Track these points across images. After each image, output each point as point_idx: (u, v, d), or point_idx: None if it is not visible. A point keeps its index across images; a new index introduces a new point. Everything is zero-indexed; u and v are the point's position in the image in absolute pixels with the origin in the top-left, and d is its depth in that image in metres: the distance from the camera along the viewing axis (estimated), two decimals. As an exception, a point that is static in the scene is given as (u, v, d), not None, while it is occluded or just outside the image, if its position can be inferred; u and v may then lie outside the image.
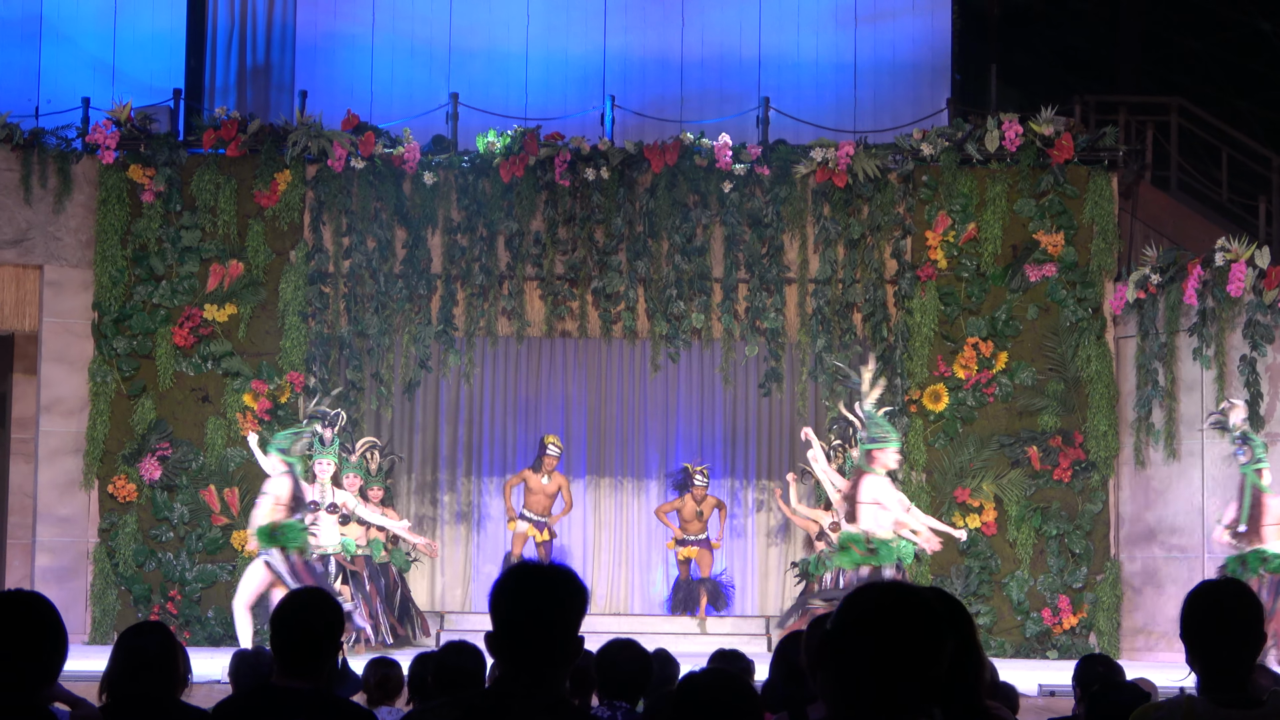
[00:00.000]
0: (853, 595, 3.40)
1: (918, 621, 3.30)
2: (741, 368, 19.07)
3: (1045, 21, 24.79)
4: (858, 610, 3.33)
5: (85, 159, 18.30)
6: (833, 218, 18.51)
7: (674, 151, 18.44)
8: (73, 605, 17.50)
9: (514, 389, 19.62)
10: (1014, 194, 18.51)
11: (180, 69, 19.98)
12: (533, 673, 3.89)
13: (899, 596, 3.34)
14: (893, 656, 3.27)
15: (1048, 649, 17.96)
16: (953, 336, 18.42)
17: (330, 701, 4.86)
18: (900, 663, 3.27)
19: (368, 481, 17.44)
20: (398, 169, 18.44)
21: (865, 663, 3.28)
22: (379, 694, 8.34)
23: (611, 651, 6.81)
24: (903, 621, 3.29)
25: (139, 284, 18.16)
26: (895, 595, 3.35)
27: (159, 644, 5.33)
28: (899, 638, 3.28)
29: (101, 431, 17.93)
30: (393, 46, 20.08)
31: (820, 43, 20.19)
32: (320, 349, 18.39)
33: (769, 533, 19.62)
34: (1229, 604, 4.30)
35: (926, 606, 3.32)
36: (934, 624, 3.31)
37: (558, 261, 18.53)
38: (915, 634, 3.29)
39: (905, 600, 3.33)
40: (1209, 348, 17.33)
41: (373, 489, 17.51)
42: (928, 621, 3.31)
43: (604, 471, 19.66)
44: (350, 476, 17.15)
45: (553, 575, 3.93)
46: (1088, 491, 18.15)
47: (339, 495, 16.66)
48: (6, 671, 4.16)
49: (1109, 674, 7.57)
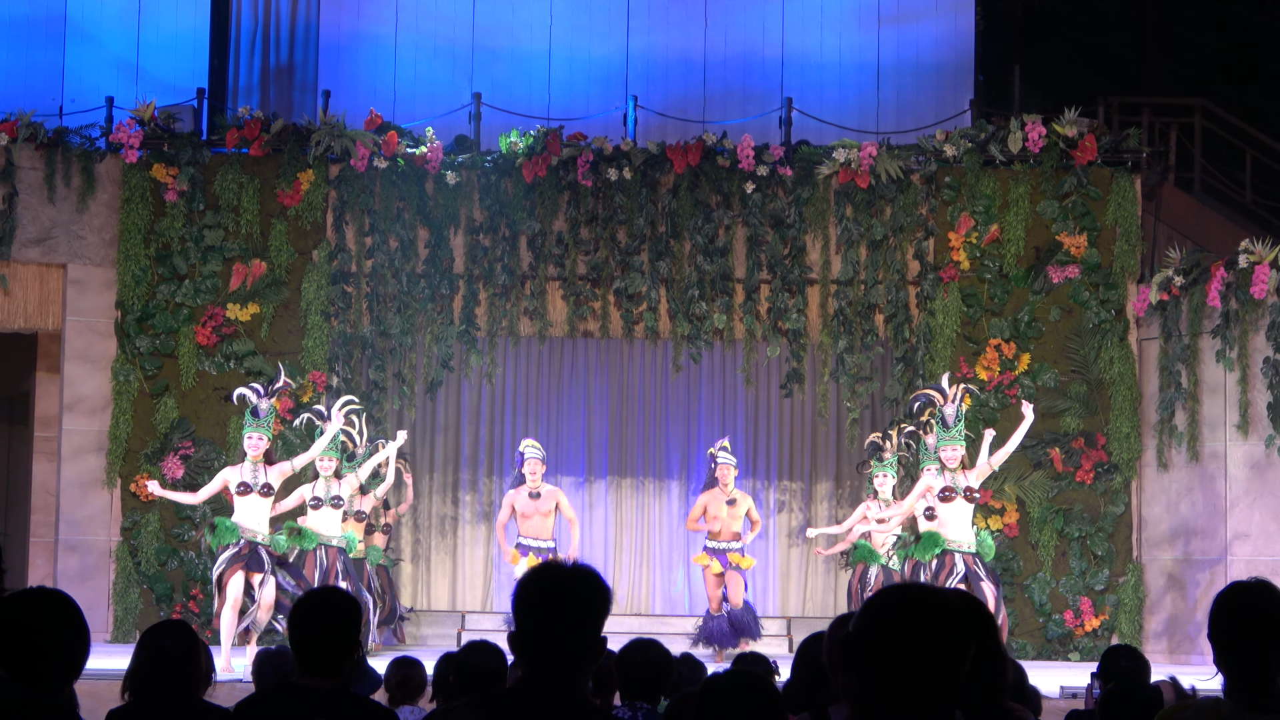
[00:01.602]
0: (875, 597, 3.39)
1: (940, 623, 3.29)
2: (763, 368, 19.07)
3: (1069, 22, 24.74)
4: (881, 612, 3.33)
5: (109, 158, 18.34)
6: (855, 219, 18.49)
7: (696, 152, 18.43)
8: (95, 604, 17.53)
9: (536, 389, 19.62)
10: (1037, 195, 18.48)
11: (204, 68, 20.01)
12: (555, 673, 3.89)
13: (921, 598, 3.34)
14: (916, 658, 3.27)
15: (1069, 651, 17.93)
16: (975, 338, 18.39)
17: (351, 700, 4.86)
18: (923, 665, 3.27)
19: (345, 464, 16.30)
20: (420, 169, 18.45)
21: (888, 665, 3.28)
22: (400, 694, 8.34)
23: (633, 651, 6.80)
24: (925, 623, 3.29)
25: (162, 283, 18.20)
26: (917, 597, 3.34)
27: (181, 643, 5.33)
28: (922, 640, 3.27)
29: (124, 430, 17.96)
30: (416, 46, 20.09)
31: (843, 43, 20.16)
32: (343, 348, 18.42)
33: (790, 533, 19.59)
34: (1255, 607, 4.23)
35: (949, 608, 3.32)
36: (956, 626, 3.30)
37: (580, 262, 18.53)
38: (938, 636, 3.28)
39: (928, 602, 3.33)
40: (1232, 350, 17.29)
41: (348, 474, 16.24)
42: (950, 623, 3.30)
43: (625, 472, 19.65)
44: (348, 475, 16.12)
45: (576, 576, 3.93)
46: (1110, 493, 18.11)
47: (342, 488, 15.85)
48: (30, 669, 4.17)
49: (1133, 667, 7.50)
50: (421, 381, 18.75)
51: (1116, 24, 24.97)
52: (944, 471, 14.74)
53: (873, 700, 3.29)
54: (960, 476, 14.77)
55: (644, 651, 6.79)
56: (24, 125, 18.26)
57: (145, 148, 18.26)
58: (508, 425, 19.60)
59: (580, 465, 19.44)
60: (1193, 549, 17.67)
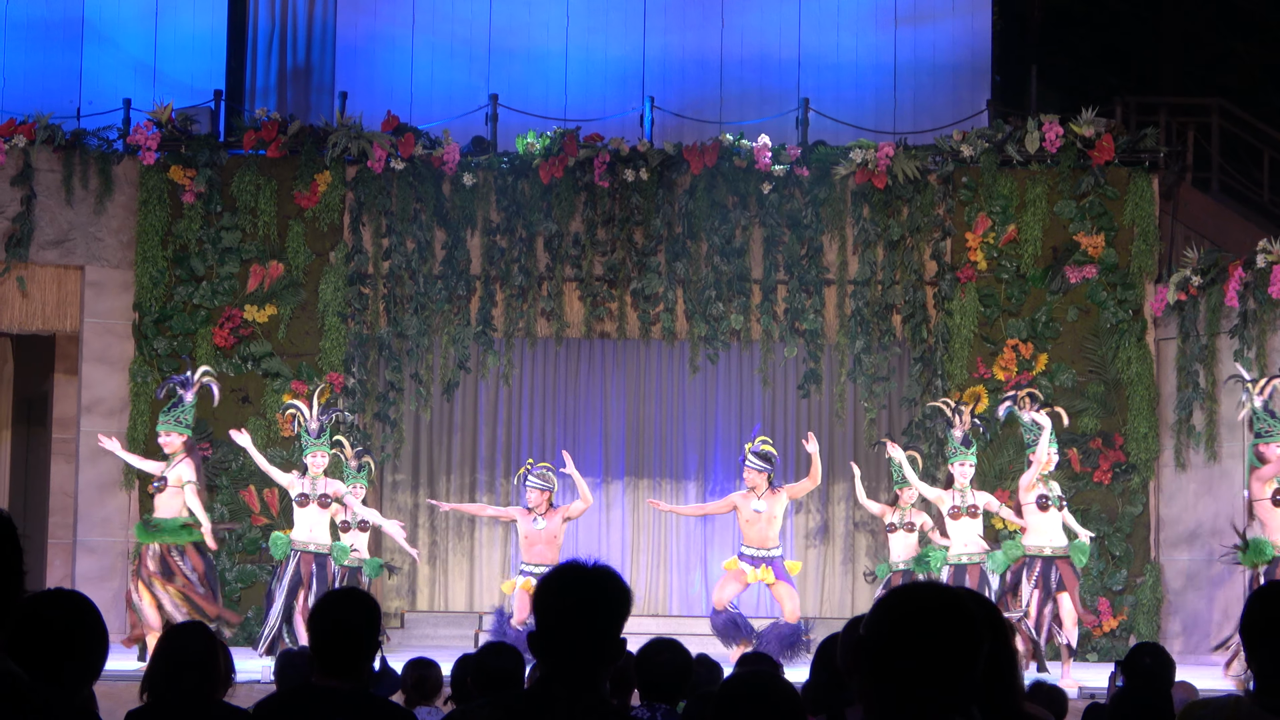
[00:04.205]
0: (886, 598, 3.40)
1: (952, 624, 3.29)
2: (780, 369, 19.06)
3: (1086, 22, 24.71)
4: (893, 614, 3.33)
5: (126, 160, 18.37)
6: (872, 219, 18.48)
7: (713, 153, 18.43)
8: (113, 605, 17.54)
9: (552, 390, 19.62)
10: (1054, 195, 18.46)
11: (221, 70, 20.05)
12: (574, 673, 3.89)
13: (933, 599, 3.34)
14: (928, 660, 3.27)
15: (1088, 651, 17.90)
16: (992, 338, 18.37)
17: (369, 701, 4.86)
18: (936, 666, 3.27)
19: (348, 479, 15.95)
20: (437, 170, 18.47)
21: (901, 666, 3.27)
22: (417, 694, 8.35)
23: (652, 651, 6.80)
24: (937, 624, 3.29)
25: (179, 285, 18.22)
26: (929, 598, 3.34)
27: (201, 644, 5.34)
28: (934, 641, 3.27)
29: (142, 432, 17.97)
30: (432, 47, 20.11)
31: (860, 44, 20.16)
32: (359, 350, 18.44)
33: (807, 534, 19.58)
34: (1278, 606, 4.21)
35: (961, 609, 3.31)
36: (968, 626, 3.30)
37: (596, 263, 18.53)
38: (950, 637, 3.28)
39: (939, 602, 3.33)
40: (1250, 350, 17.25)
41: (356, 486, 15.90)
42: (962, 624, 3.30)
43: (642, 473, 19.65)
44: (355, 487, 15.74)
45: (597, 576, 3.94)
46: (1128, 494, 18.08)
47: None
48: (48, 670, 4.17)
49: (1156, 665, 7.46)
50: (438, 383, 18.76)
51: (1134, 24, 24.93)
52: (955, 489, 14.90)
53: (887, 702, 3.29)
54: (968, 495, 14.89)
55: (663, 652, 6.79)
56: (42, 128, 18.30)
57: (163, 150, 18.29)
58: (524, 427, 19.60)
59: (597, 466, 19.43)
60: (1212, 549, 17.62)
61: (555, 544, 15.35)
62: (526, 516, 15.42)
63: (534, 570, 15.20)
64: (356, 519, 15.55)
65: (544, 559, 15.22)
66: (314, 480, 15.02)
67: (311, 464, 15.09)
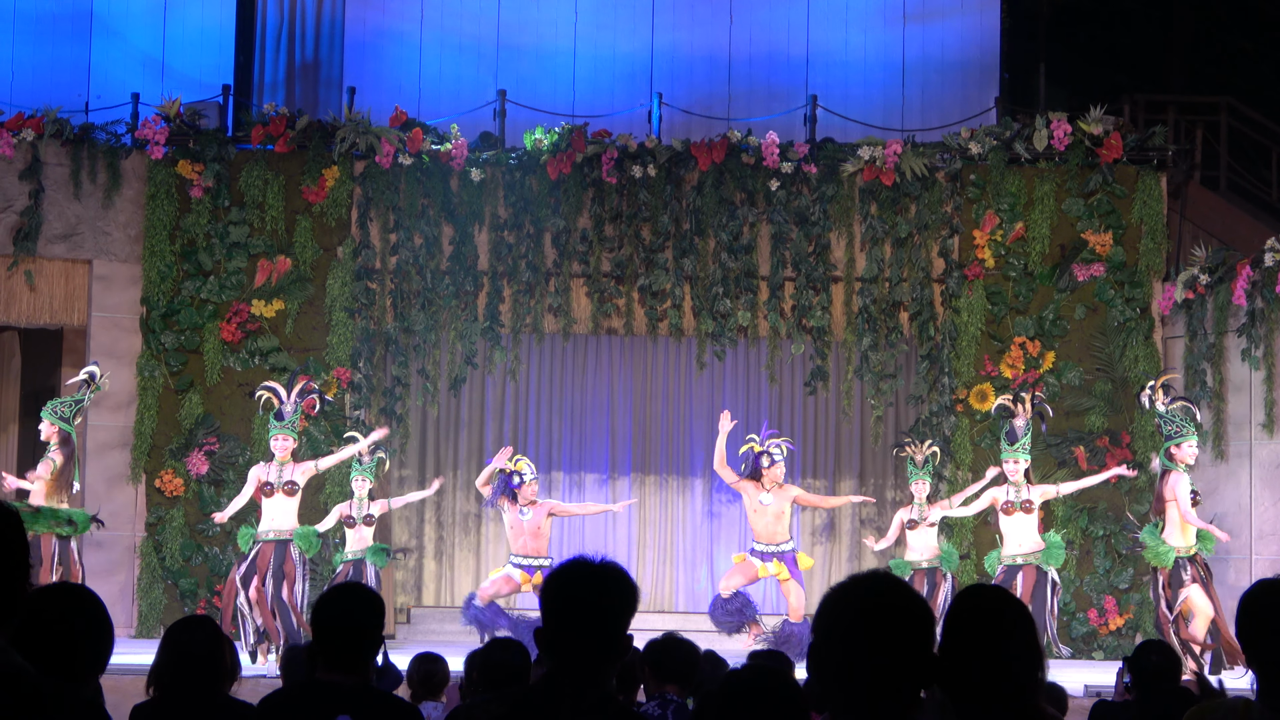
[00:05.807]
0: (824, 601, 3.42)
1: (883, 618, 3.32)
2: (787, 366, 19.06)
3: (1094, 21, 24.69)
4: (830, 617, 3.37)
5: (134, 154, 18.38)
6: (880, 216, 18.47)
7: (721, 149, 18.43)
8: (119, 599, 17.58)
9: (560, 386, 19.62)
10: (1062, 193, 18.44)
11: (229, 65, 20.05)
12: (580, 669, 3.90)
13: (867, 593, 3.36)
14: (864, 656, 3.30)
15: (1094, 649, 17.89)
16: (1000, 336, 18.36)
17: (374, 696, 4.87)
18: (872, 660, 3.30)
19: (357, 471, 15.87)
20: (445, 166, 18.47)
21: (842, 667, 3.31)
22: (423, 689, 8.35)
23: (662, 641, 6.85)
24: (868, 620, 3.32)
25: (187, 279, 18.23)
26: (862, 593, 3.37)
27: (207, 638, 5.35)
28: (867, 636, 3.31)
29: (149, 426, 18.00)
30: (441, 43, 20.12)
31: (868, 41, 20.15)
32: (366, 345, 18.44)
33: (814, 531, 19.58)
34: None
35: (885, 603, 3.34)
36: (896, 617, 3.33)
37: (604, 259, 18.53)
38: (885, 630, 3.31)
39: (875, 597, 3.35)
40: (1258, 349, 17.23)
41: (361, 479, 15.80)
42: (892, 615, 3.33)
43: (649, 469, 19.65)
44: (359, 479, 15.71)
45: (604, 572, 3.94)
46: (1134, 492, 18.06)
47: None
48: (54, 664, 4.18)
49: (1163, 662, 7.46)
50: (445, 378, 18.76)
51: (1142, 22, 24.91)
52: (1005, 484, 14.95)
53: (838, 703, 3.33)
54: (1024, 490, 14.89)
55: (672, 641, 6.83)
56: (50, 121, 18.31)
57: (171, 144, 18.30)
58: (531, 422, 19.61)
59: (604, 462, 19.43)
60: (1217, 548, 17.60)
61: (539, 537, 15.29)
62: (514, 510, 15.31)
63: (523, 563, 15.25)
64: (363, 514, 15.53)
65: (531, 550, 15.25)
66: (280, 466, 14.87)
67: (277, 447, 14.96)
